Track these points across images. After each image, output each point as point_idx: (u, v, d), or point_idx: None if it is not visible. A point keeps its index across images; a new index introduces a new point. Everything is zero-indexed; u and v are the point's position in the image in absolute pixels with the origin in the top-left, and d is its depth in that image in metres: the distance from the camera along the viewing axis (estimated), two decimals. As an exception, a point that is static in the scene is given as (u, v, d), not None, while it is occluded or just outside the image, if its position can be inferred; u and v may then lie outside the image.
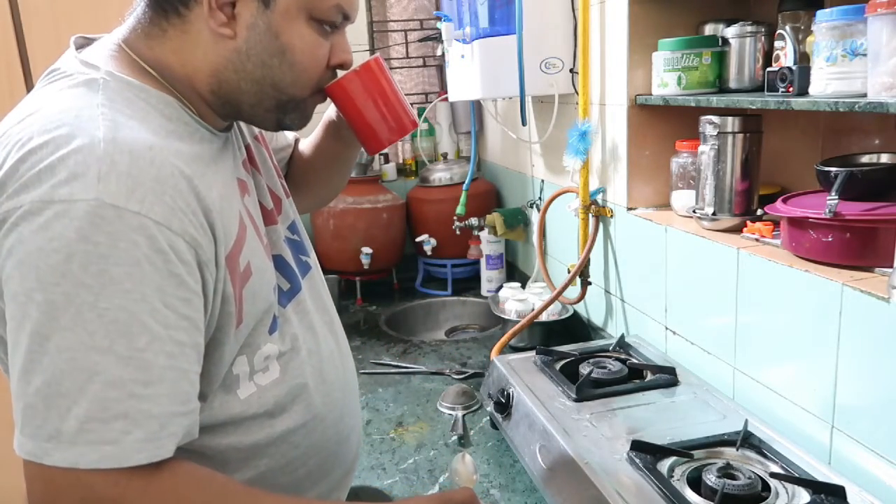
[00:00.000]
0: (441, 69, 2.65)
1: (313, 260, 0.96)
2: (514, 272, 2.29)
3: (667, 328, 1.39)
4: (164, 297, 0.63)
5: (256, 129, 0.93)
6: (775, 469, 0.96)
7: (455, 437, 1.36)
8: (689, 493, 0.92)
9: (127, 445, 0.61)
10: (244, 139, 0.88)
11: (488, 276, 2.23)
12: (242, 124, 0.89)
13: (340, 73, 0.84)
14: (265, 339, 0.79)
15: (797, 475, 0.94)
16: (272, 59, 0.73)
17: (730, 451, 1.02)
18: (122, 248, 0.60)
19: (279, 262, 0.84)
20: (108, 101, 0.67)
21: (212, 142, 0.76)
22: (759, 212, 1.22)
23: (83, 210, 0.59)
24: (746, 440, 1.03)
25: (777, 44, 1.13)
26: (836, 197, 0.99)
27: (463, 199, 2.14)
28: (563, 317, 1.76)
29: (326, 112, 1.03)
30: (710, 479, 0.91)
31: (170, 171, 0.65)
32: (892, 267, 0.89)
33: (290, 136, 1.10)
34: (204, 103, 0.75)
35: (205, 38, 0.72)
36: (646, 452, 0.99)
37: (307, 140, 1.10)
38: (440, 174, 2.35)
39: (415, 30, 2.60)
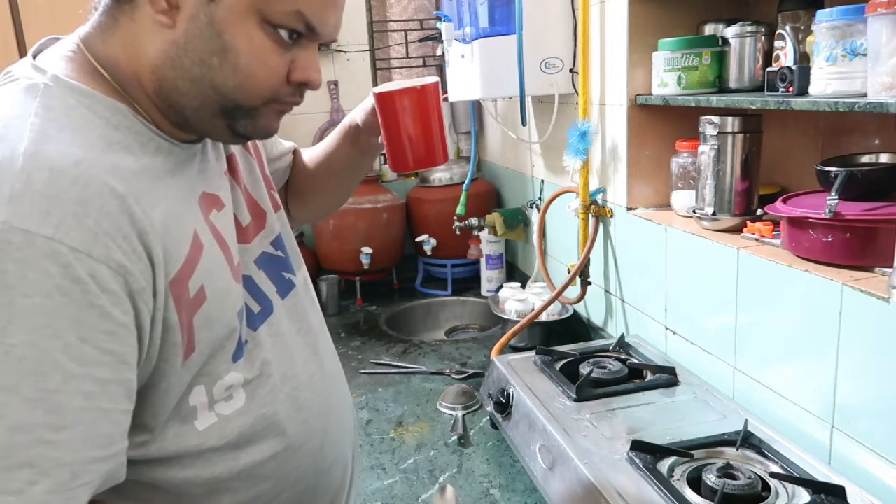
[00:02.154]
0: (441, 69, 2.65)
1: (301, 277, 0.89)
2: (514, 272, 2.29)
3: (667, 328, 1.39)
4: (82, 332, 0.57)
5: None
6: (775, 469, 0.96)
7: (455, 437, 1.36)
8: (689, 493, 0.92)
9: (32, 497, 0.54)
10: (227, 148, 0.82)
11: (488, 276, 2.23)
12: None
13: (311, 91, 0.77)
14: (227, 368, 0.72)
15: (797, 475, 0.94)
16: (212, 58, 0.65)
17: (730, 451, 1.02)
18: (32, 277, 0.54)
19: (247, 283, 0.78)
20: (43, 109, 0.62)
21: (170, 153, 0.70)
22: (759, 212, 1.22)
23: (10, 227, 0.54)
24: (746, 440, 1.03)
25: (777, 44, 1.13)
26: (836, 197, 0.99)
27: (463, 199, 2.14)
28: (563, 317, 1.76)
29: (348, 116, 1.00)
30: (710, 479, 0.91)
31: (97, 189, 0.58)
32: (892, 267, 0.89)
33: (287, 144, 1.05)
34: (156, 108, 0.69)
35: (148, 27, 0.65)
36: (646, 452, 0.99)
37: (318, 146, 1.06)
38: (440, 174, 2.35)
39: (415, 30, 2.60)
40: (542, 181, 1.99)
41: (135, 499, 0.69)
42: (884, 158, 1.10)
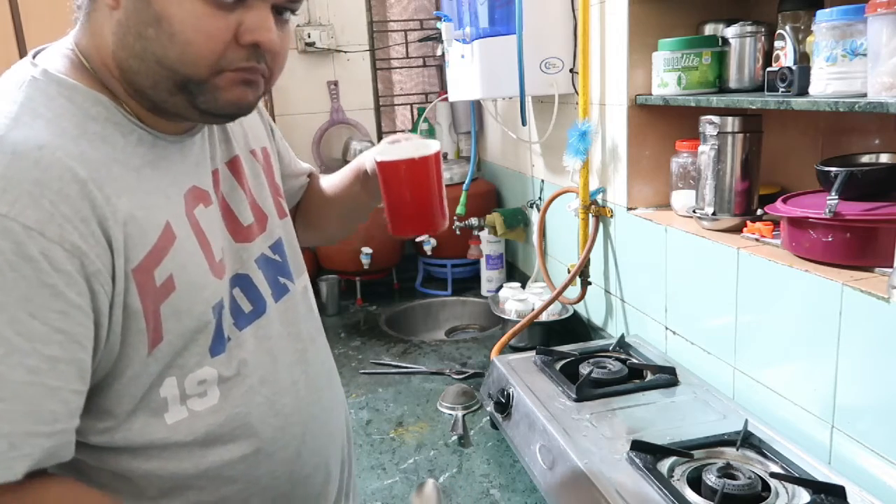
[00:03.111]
0: (441, 69, 2.65)
1: (299, 284, 0.89)
2: (514, 272, 2.29)
3: (667, 328, 1.39)
4: (32, 308, 0.58)
5: (255, 144, 0.89)
6: (775, 469, 0.96)
7: (455, 437, 1.36)
8: (689, 493, 0.92)
9: None
10: (232, 149, 0.83)
11: (488, 276, 2.23)
12: (237, 133, 0.86)
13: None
14: (203, 362, 0.72)
15: (797, 475, 0.94)
16: (147, 30, 0.65)
17: (730, 451, 1.02)
18: None
19: (243, 282, 0.79)
20: (25, 98, 0.64)
21: (154, 145, 0.71)
22: (759, 212, 1.22)
23: None
24: (746, 440, 1.03)
25: (777, 44, 1.13)
26: (836, 197, 0.99)
27: (463, 199, 2.14)
28: (563, 317, 1.76)
29: (362, 157, 0.99)
30: (710, 479, 0.91)
31: (57, 173, 0.60)
32: (892, 267, 0.89)
33: (304, 165, 1.07)
34: (131, 98, 0.70)
35: (104, 14, 0.67)
36: (646, 452, 0.99)
37: (331, 177, 1.06)
38: (440, 174, 2.35)
39: (415, 30, 2.60)
40: (542, 181, 1.99)
41: (98, 486, 0.70)
42: (884, 158, 1.10)
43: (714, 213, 1.24)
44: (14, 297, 0.58)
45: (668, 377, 1.25)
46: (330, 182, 1.06)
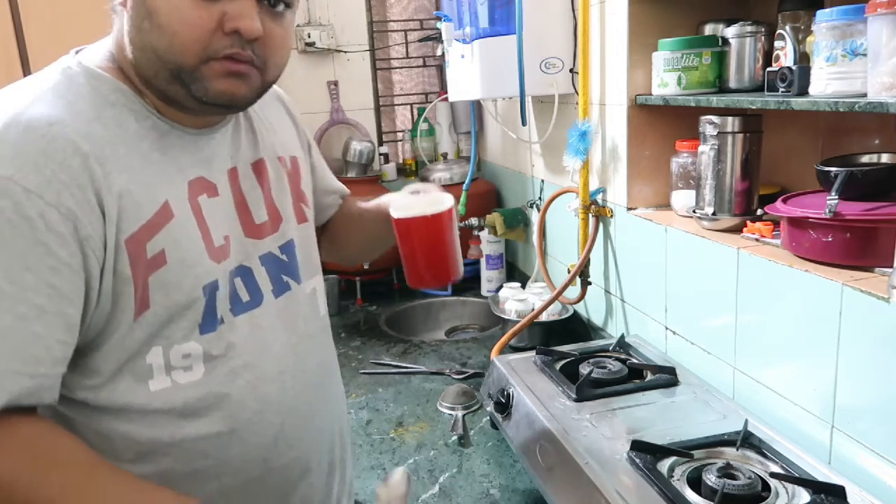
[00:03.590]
0: (441, 69, 2.65)
1: (307, 286, 0.93)
2: (514, 272, 2.29)
3: (667, 328, 1.39)
4: (26, 262, 0.66)
5: (284, 152, 0.94)
6: (775, 469, 0.96)
7: (455, 437, 1.36)
8: (689, 493, 0.92)
9: None
10: (258, 153, 0.89)
11: (488, 276, 2.23)
12: (267, 139, 0.92)
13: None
14: (190, 336, 0.77)
15: (797, 475, 0.94)
16: (143, 23, 0.72)
17: (730, 451, 1.02)
18: None
19: (244, 273, 0.84)
20: (56, 83, 0.74)
21: (167, 134, 0.78)
22: (759, 212, 1.22)
23: None
24: (746, 440, 1.03)
25: (777, 44, 1.13)
26: (836, 197, 0.99)
27: (463, 199, 2.14)
28: (563, 317, 1.76)
29: (387, 198, 1.03)
30: (710, 479, 0.91)
31: (62, 146, 0.68)
32: (892, 267, 0.89)
33: (338, 185, 1.12)
34: (150, 92, 0.77)
35: (121, 15, 0.75)
36: (646, 452, 0.99)
37: (363, 205, 1.11)
38: (440, 174, 2.35)
39: (415, 30, 2.60)
40: (542, 181, 1.99)
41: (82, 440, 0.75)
42: (884, 158, 1.10)
43: (714, 213, 1.24)
44: (10, 250, 0.65)
45: (668, 377, 1.25)
46: (360, 209, 1.11)
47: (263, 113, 0.95)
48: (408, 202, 0.95)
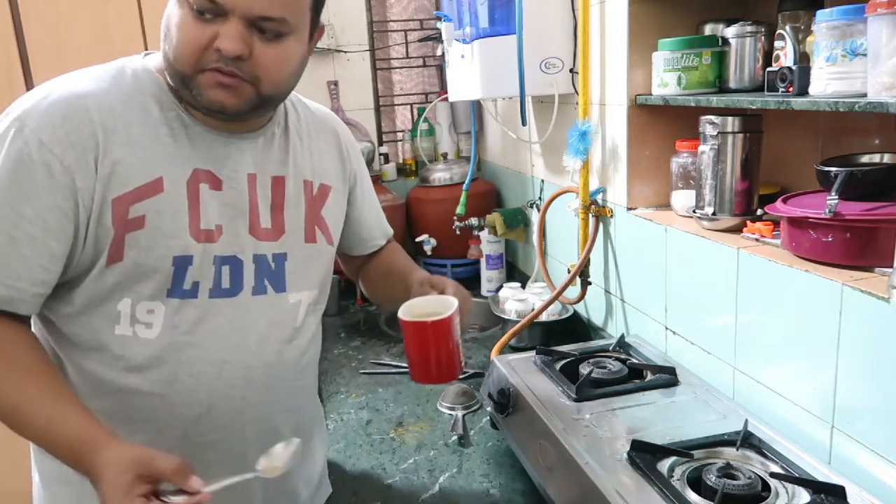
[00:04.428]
0: (441, 69, 2.65)
1: (291, 297, 1.01)
2: (514, 272, 2.29)
3: (667, 328, 1.39)
4: (28, 196, 0.82)
5: (315, 177, 1.05)
6: (775, 469, 0.96)
7: (455, 437, 1.36)
8: (689, 493, 0.92)
9: None
10: (284, 171, 1.01)
11: (488, 276, 2.23)
12: (300, 162, 1.03)
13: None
14: (157, 297, 0.90)
15: (797, 475, 0.94)
16: (164, 35, 0.88)
17: (730, 451, 1.02)
18: (11, 148, 0.83)
19: (234, 263, 0.94)
20: (106, 71, 0.92)
21: (188, 127, 0.92)
22: (759, 212, 1.22)
23: (10, 118, 0.85)
24: (746, 440, 1.03)
25: (777, 44, 1.13)
26: (836, 197, 0.99)
27: (463, 199, 2.14)
28: (563, 317, 1.76)
29: (410, 273, 1.13)
30: (710, 479, 0.91)
31: (79, 115, 0.85)
32: (892, 267, 0.89)
33: (381, 226, 1.25)
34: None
35: None
36: (646, 452, 0.99)
37: (393, 263, 1.24)
38: (440, 174, 2.35)
39: (415, 30, 2.60)
40: (542, 181, 1.99)
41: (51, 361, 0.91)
42: (884, 158, 1.10)
43: (714, 213, 1.24)
44: (18, 184, 0.83)
45: (668, 377, 1.25)
46: (388, 267, 1.24)
47: (310, 139, 1.07)
48: (416, 303, 1.03)
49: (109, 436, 0.81)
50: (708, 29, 1.36)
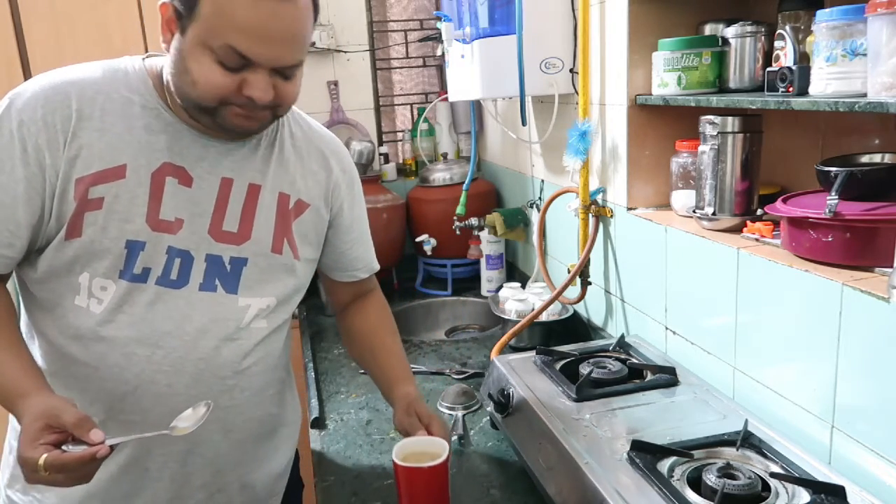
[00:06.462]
0: (441, 69, 2.65)
1: (241, 301, 1.04)
2: (514, 272, 2.29)
3: (667, 328, 1.39)
4: (3, 167, 0.92)
5: (294, 192, 1.09)
6: (775, 469, 0.96)
7: (455, 437, 1.36)
8: (689, 493, 0.92)
9: None
10: (261, 180, 1.06)
11: (488, 276, 2.23)
12: (281, 176, 1.08)
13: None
14: (108, 274, 0.96)
15: (797, 475, 0.94)
16: (180, 73, 0.93)
17: (730, 451, 1.02)
18: (1, 124, 0.93)
19: (185, 257, 1.00)
20: (102, 65, 1.00)
21: (169, 124, 0.99)
22: (759, 212, 1.22)
23: (7, 97, 0.95)
24: (746, 440, 1.03)
25: (777, 44, 1.13)
26: (836, 197, 0.99)
27: (463, 199, 2.14)
28: (563, 317, 1.76)
29: (397, 388, 1.19)
30: (710, 479, 0.91)
31: (60, 99, 0.94)
32: (892, 267, 0.89)
33: (360, 259, 1.28)
34: (177, 104, 0.98)
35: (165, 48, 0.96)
36: (646, 452, 0.99)
37: (386, 341, 1.29)
38: (440, 174, 2.35)
39: (415, 30, 2.60)
40: (542, 181, 1.99)
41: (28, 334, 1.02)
42: (884, 158, 1.10)
43: (714, 213, 1.24)
44: (3, 157, 0.92)
45: (668, 377, 1.25)
46: (375, 350, 1.27)
47: (299, 156, 1.11)
48: (407, 443, 1.06)
49: (37, 387, 0.88)
50: (708, 29, 1.36)
